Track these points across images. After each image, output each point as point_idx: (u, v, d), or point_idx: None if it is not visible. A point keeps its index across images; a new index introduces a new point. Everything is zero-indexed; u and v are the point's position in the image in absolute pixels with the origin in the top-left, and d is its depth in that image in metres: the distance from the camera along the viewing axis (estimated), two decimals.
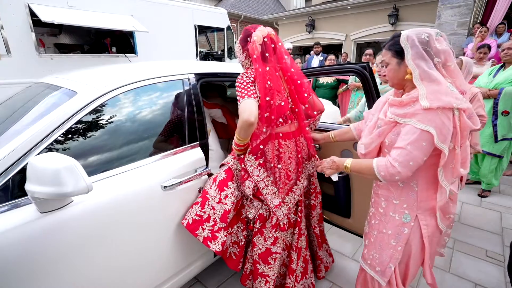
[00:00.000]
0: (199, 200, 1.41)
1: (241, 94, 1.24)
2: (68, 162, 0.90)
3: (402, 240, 1.06)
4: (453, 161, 0.96)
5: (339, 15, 9.09)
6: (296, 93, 1.39)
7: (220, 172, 1.48)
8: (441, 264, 2.01)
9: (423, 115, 0.90)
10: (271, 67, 1.30)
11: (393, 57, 1.02)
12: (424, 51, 0.92)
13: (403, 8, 7.68)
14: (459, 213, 2.70)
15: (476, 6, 5.36)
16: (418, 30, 0.95)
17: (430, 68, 0.92)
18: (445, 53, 0.93)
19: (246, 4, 12.55)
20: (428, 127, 0.89)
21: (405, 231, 1.05)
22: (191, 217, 1.38)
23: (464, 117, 0.92)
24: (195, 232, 1.36)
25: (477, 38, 4.43)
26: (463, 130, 0.93)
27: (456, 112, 0.90)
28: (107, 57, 4.23)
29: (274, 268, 1.48)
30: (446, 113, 0.89)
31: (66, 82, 1.35)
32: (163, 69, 1.52)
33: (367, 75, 1.51)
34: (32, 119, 1.15)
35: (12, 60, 3.32)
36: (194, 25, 5.19)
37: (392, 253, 1.09)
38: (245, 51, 1.36)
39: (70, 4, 3.70)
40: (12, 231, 0.92)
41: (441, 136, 0.89)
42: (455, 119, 0.90)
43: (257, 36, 1.30)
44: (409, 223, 1.04)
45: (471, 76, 2.27)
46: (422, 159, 0.93)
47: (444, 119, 0.88)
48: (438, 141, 0.89)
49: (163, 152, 1.40)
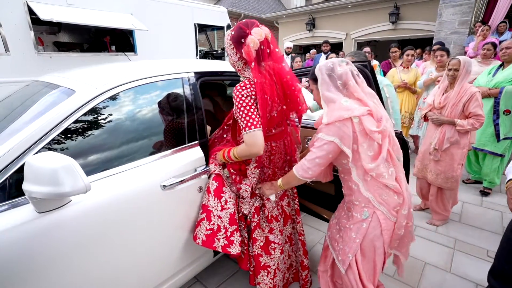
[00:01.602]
0: (203, 216, 1.41)
1: (248, 121, 1.19)
2: (66, 161, 0.89)
3: (361, 234, 1.19)
4: (360, 159, 1.12)
5: (340, 14, 9.05)
6: (290, 100, 1.34)
7: (210, 182, 1.46)
8: (441, 264, 2.01)
9: (326, 129, 1.13)
10: (267, 78, 1.24)
11: (313, 84, 1.27)
12: (329, 76, 1.17)
13: (404, 7, 7.65)
14: (459, 213, 2.69)
15: (478, 5, 5.33)
16: (327, 61, 1.20)
17: (329, 91, 1.17)
18: (345, 75, 1.15)
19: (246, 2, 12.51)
20: (331, 137, 1.11)
21: (363, 226, 1.19)
22: (203, 234, 1.38)
23: (365, 121, 1.09)
24: (213, 246, 1.36)
25: (478, 37, 4.40)
26: (369, 133, 1.10)
27: (355, 119, 1.10)
28: (107, 55, 4.21)
29: (275, 259, 1.49)
30: (344, 123, 1.10)
31: (65, 81, 1.34)
32: (163, 68, 1.51)
33: (368, 74, 1.50)
34: (30, 118, 1.13)
35: (11, 58, 3.30)
36: (194, 23, 5.17)
37: (351, 245, 1.22)
38: (239, 52, 1.25)
39: (69, 2, 3.68)
40: (10, 231, 0.91)
41: (344, 141, 1.11)
42: (354, 125, 1.10)
43: (253, 41, 1.19)
44: (367, 219, 1.18)
45: (470, 76, 2.26)
46: (327, 157, 1.15)
47: (344, 129, 1.10)
48: (342, 146, 1.11)
49: (162, 151, 1.39)
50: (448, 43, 5.30)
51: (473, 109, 2.16)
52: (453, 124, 2.26)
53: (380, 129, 1.11)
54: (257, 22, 1.25)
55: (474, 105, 2.15)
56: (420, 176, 2.59)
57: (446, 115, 2.30)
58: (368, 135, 1.10)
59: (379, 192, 1.16)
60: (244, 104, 1.21)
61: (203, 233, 1.38)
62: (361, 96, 1.15)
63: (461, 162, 2.33)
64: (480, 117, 2.15)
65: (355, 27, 8.81)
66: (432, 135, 2.41)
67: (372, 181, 1.15)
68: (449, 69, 2.25)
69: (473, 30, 5.15)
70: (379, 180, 1.14)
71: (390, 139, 1.16)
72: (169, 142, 1.44)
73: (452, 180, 2.35)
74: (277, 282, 1.52)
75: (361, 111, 1.10)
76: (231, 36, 1.25)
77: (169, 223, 1.38)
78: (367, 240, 1.19)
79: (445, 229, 2.45)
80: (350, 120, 1.10)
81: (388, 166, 1.16)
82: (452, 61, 2.24)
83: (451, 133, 2.27)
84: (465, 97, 2.18)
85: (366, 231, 1.18)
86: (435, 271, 1.95)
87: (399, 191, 1.16)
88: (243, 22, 1.25)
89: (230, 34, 1.25)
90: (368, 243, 1.20)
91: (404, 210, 1.17)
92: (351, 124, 1.10)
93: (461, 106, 2.20)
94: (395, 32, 8.03)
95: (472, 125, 2.17)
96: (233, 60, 1.30)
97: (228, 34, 1.27)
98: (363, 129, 1.10)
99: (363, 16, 8.54)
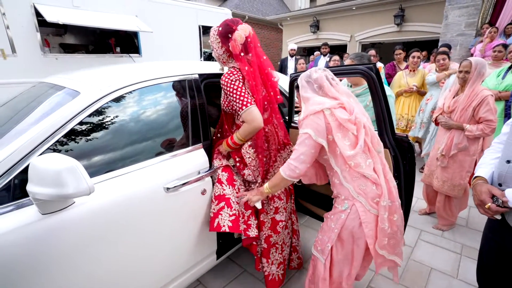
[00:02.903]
0: (222, 204, 1.42)
1: (242, 101, 1.35)
2: (69, 163, 0.88)
3: (340, 224, 1.24)
4: (337, 148, 1.19)
5: (344, 16, 9.02)
6: (271, 89, 1.51)
7: (220, 173, 1.50)
8: (448, 270, 1.97)
9: (302, 124, 1.25)
10: (254, 67, 1.41)
11: (297, 92, 1.44)
12: (307, 82, 1.30)
13: (409, 9, 7.60)
14: (466, 218, 2.65)
15: (485, 7, 5.28)
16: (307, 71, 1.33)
17: (307, 93, 1.30)
18: (320, 79, 1.28)
19: (250, 4, 12.54)
20: (306, 129, 1.21)
21: (342, 217, 1.24)
22: (227, 221, 1.39)
23: (336, 112, 1.19)
24: (239, 229, 1.41)
25: (486, 39, 4.35)
26: (342, 121, 1.19)
27: (326, 111, 1.19)
28: (112, 57, 4.24)
29: (281, 235, 1.62)
30: (317, 116, 1.20)
31: (70, 82, 1.34)
32: (167, 70, 1.51)
33: (374, 76, 1.48)
34: (35, 119, 1.14)
35: (18, 59, 3.34)
36: (199, 25, 5.19)
37: (329, 235, 1.28)
38: (224, 46, 1.40)
39: (75, 4, 3.72)
40: (14, 232, 0.91)
41: (317, 132, 1.19)
42: (326, 117, 1.19)
43: (240, 36, 1.36)
44: (346, 210, 1.23)
45: (483, 78, 2.12)
46: (310, 152, 1.21)
47: (317, 120, 1.19)
48: (316, 137, 1.19)
49: (166, 153, 1.38)
50: (454, 45, 5.25)
51: (484, 114, 2.03)
52: (461, 129, 2.15)
53: (352, 118, 1.19)
54: (240, 20, 1.42)
55: (485, 110, 2.03)
56: (426, 182, 2.52)
57: (455, 119, 2.20)
58: (342, 126, 1.19)
59: (357, 183, 1.20)
60: (235, 87, 1.35)
61: (227, 219, 1.40)
62: (335, 95, 1.26)
63: (470, 170, 2.22)
64: (491, 122, 2.02)
65: (360, 29, 8.77)
66: (441, 140, 2.31)
67: (351, 171, 1.21)
68: (460, 71, 2.14)
69: (480, 32, 5.09)
70: (356, 170, 1.19)
71: (367, 131, 1.22)
72: (173, 144, 1.44)
73: (459, 188, 2.26)
74: (285, 256, 1.67)
75: (332, 104, 1.21)
76: (218, 32, 1.39)
77: (172, 225, 1.37)
78: (345, 231, 1.23)
79: (451, 234, 2.41)
80: (322, 112, 1.20)
81: (366, 157, 1.21)
82: (463, 62, 2.13)
83: (459, 139, 2.17)
84: (476, 101, 2.06)
85: (344, 222, 1.22)
86: (441, 277, 1.91)
87: (378, 182, 1.19)
88: (229, 19, 1.40)
89: (217, 30, 1.40)
90: (346, 235, 1.23)
91: (383, 202, 1.18)
92: (323, 116, 1.20)
93: (471, 110, 2.08)
94: (400, 34, 7.97)
95: (482, 131, 2.04)
96: (218, 53, 1.44)
97: (214, 30, 1.41)
98: (336, 119, 1.19)
99: (368, 18, 8.50)
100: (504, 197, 0.99)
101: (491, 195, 1.03)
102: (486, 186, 1.07)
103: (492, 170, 1.12)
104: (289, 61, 5.75)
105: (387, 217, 1.19)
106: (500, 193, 1.01)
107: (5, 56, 3.25)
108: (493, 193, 1.03)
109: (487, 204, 1.01)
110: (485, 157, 1.19)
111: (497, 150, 1.15)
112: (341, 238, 1.25)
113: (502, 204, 1.00)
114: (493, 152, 1.17)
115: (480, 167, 1.17)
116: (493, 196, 1.03)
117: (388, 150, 1.52)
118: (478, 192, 1.07)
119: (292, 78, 1.84)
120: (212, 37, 1.41)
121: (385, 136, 1.52)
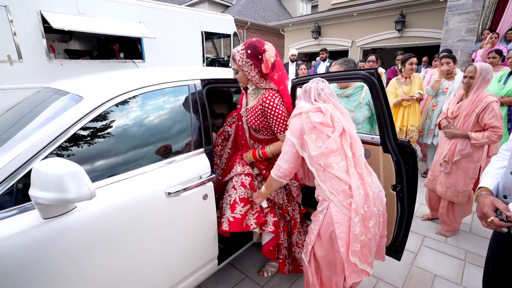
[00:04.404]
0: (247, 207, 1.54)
1: (285, 125, 1.50)
2: (71, 167, 0.89)
3: (318, 225, 1.27)
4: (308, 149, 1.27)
5: (345, 22, 9.10)
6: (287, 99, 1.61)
7: (244, 177, 1.61)
8: (452, 277, 1.94)
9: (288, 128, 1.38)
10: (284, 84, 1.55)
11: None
12: (304, 91, 1.40)
13: (410, 15, 7.65)
14: (470, 223, 2.62)
15: (485, 12, 5.30)
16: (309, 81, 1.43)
17: (299, 100, 1.41)
18: (309, 89, 1.38)
19: (252, 11, 12.68)
20: (287, 131, 1.36)
21: (320, 217, 1.27)
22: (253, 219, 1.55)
23: (312, 116, 1.27)
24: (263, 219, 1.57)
25: (487, 45, 4.36)
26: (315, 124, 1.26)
27: (304, 114, 1.29)
28: (115, 62, 4.29)
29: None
30: (296, 118, 1.32)
31: (73, 87, 1.36)
32: (169, 75, 1.52)
33: (375, 82, 1.49)
34: (39, 124, 1.15)
35: (24, 65, 3.39)
36: (201, 31, 5.25)
37: (310, 236, 1.32)
38: (257, 67, 1.44)
39: (81, 11, 3.78)
40: (16, 237, 0.92)
41: (291, 132, 1.32)
42: (303, 119, 1.29)
43: (272, 56, 1.43)
44: (323, 211, 1.26)
45: (488, 83, 2.08)
46: (291, 152, 1.33)
47: (294, 122, 1.33)
48: (290, 136, 1.32)
49: (168, 158, 1.39)
50: (455, 50, 5.26)
51: (489, 121, 1.99)
52: (467, 137, 2.11)
53: (324, 120, 1.26)
54: (262, 39, 1.48)
55: (490, 116, 1.98)
56: (429, 187, 2.50)
57: (459, 126, 2.17)
58: (317, 128, 1.26)
59: (331, 182, 1.24)
60: (280, 111, 1.49)
61: (253, 218, 1.55)
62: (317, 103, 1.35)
63: (474, 176, 2.18)
64: (497, 129, 1.97)
65: (361, 34, 8.82)
66: (444, 145, 2.29)
67: (324, 172, 1.26)
68: (465, 77, 2.12)
69: (480, 37, 5.10)
70: (328, 170, 1.24)
71: (346, 135, 1.28)
72: (175, 148, 1.44)
73: (463, 194, 2.23)
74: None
75: (309, 108, 1.30)
76: (247, 54, 1.41)
77: (173, 230, 1.37)
78: (323, 232, 1.25)
79: (455, 240, 2.38)
80: (300, 115, 1.31)
81: (340, 159, 1.25)
82: (468, 68, 2.10)
83: (463, 145, 2.14)
84: (479, 107, 2.02)
85: (321, 223, 1.25)
86: (445, 284, 1.88)
87: (348, 183, 1.21)
88: (255, 40, 1.43)
89: (245, 52, 1.41)
90: (325, 236, 1.25)
91: (354, 204, 1.18)
92: (300, 118, 1.30)
93: (475, 116, 2.04)
94: (401, 40, 8.01)
95: (488, 138, 2.00)
96: (251, 76, 1.47)
97: (241, 53, 1.42)
98: (310, 122, 1.27)
99: (369, 24, 8.56)
100: (508, 211, 0.94)
101: (495, 208, 0.98)
102: (489, 198, 1.01)
103: (497, 180, 1.07)
104: (290, 66, 5.79)
105: (361, 223, 1.18)
106: (504, 207, 0.96)
107: (12, 62, 3.31)
108: (496, 206, 0.98)
109: (490, 218, 0.97)
110: (491, 165, 1.14)
111: (504, 158, 1.11)
112: (321, 239, 1.26)
113: (506, 218, 0.94)
114: (499, 160, 1.13)
115: (485, 176, 1.12)
116: (496, 209, 0.98)
117: (390, 155, 1.52)
118: (481, 205, 1.03)
119: (294, 83, 1.85)
120: (241, 60, 1.42)
121: (387, 141, 1.52)
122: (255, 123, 1.56)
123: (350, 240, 1.18)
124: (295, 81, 1.84)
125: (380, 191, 1.31)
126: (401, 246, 1.66)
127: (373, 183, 1.28)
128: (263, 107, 1.48)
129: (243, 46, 1.42)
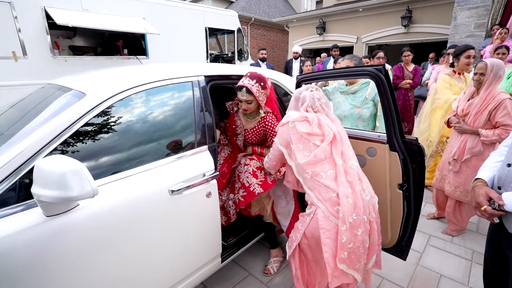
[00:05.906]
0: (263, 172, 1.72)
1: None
2: (74, 165, 0.88)
3: (304, 226, 1.30)
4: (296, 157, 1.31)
5: (350, 17, 8.97)
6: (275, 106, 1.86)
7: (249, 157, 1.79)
8: (459, 277, 1.91)
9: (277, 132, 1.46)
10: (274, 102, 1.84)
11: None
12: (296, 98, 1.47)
13: (416, 10, 7.51)
14: (477, 223, 2.57)
15: (495, 7, 5.17)
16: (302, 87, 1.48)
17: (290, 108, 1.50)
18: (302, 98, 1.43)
19: (256, 6, 12.57)
20: (275, 138, 1.44)
21: (307, 220, 1.30)
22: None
23: (298, 125, 1.32)
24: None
25: (496, 40, 4.26)
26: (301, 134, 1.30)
27: (291, 124, 1.34)
28: (119, 59, 4.30)
29: None
30: (284, 127, 1.38)
31: (76, 84, 1.35)
32: (173, 71, 1.50)
33: (383, 79, 1.45)
34: (42, 120, 1.14)
35: (28, 61, 3.41)
36: (205, 27, 5.22)
37: (296, 234, 1.35)
38: (266, 94, 1.71)
39: (84, 7, 3.78)
40: (18, 234, 0.91)
41: (280, 140, 1.40)
42: (290, 129, 1.34)
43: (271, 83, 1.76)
44: (311, 215, 1.29)
45: (500, 80, 2.01)
46: (275, 154, 1.46)
47: (281, 132, 1.40)
48: (278, 145, 1.41)
49: (171, 156, 1.38)
50: None
51: (501, 118, 1.94)
52: (477, 134, 2.07)
53: (310, 130, 1.29)
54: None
55: (502, 114, 1.93)
56: (437, 187, 2.45)
57: (469, 123, 2.11)
58: (303, 137, 1.30)
59: (318, 190, 1.26)
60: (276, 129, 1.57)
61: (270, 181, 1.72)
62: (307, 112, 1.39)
63: None
64: (509, 127, 1.92)
65: (366, 30, 8.69)
66: (454, 144, 2.23)
67: (311, 180, 1.28)
68: (475, 73, 2.05)
69: (490, 33, 4.99)
70: (315, 178, 1.26)
71: (338, 144, 1.31)
72: (178, 146, 1.43)
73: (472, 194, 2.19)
74: None
75: (296, 117, 1.34)
76: (262, 86, 1.66)
77: (176, 228, 1.36)
78: (308, 234, 1.28)
79: (461, 239, 2.34)
80: (287, 124, 1.35)
81: (328, 168, 1.27)
82: (479, 64, 2.04)
83: (473, 143, 2.09)
84: (492, 104, 1.97)
85: (307, 225, 1.28)
86: (452, 285, 1.86)
87: (336, 191, 1.23)
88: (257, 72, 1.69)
89: (259, 85, 1.64)
90: (311, 237, 1.28)
91: (341, 213, 1.19)
92: (288, 128, 1.35)
93: (486, 114, 1.99)
94: (407, 36, 7.88)
95: (499, 136, 1.95)
96: (263, 102, 1.71)
97: (256, 86, 1.64)
98: (297, 132, 1.31)
99: (375, 19, 8.43)
100: (500, 200, 1.00)
101: (488, 198, 1.04)
102: (484, 188, 1.08)
103: (493, 173, 1.13)
104: (293, 63, 5.74)
105: (349, 231, 1.18)
106: (497, 196, 1.02)
107: (17, 58, 3.32)
108: (490, 196, 1.04)
109: (483, 207, 1.03)
110: (489, 160, 1.19)
111: (502, 153, 1.16)
112: (307, 238, 1.30)
113: (498, 207, 1.00)
114: (498, 155, 1.18)
115: (482, 169, 1.18)
116: (490, 199, 1.04)
117: (397, 153, 1.49)
118: (475, 194, 1.09)
119: (298, 80, 1.82)
120: (258, 92, 1.65)
121: (394, 139, 1.49)
122: (255, 139, 1.80)
123: (337, 248, 1.19)
124: (300, 77, 1.81)
125: (372, 198, 1.31)
126: (407, 245, 1.64)
127: (363, 190, 1.28)
128: (266, 129, 1.74)
129: (254, 80, 1.62)
